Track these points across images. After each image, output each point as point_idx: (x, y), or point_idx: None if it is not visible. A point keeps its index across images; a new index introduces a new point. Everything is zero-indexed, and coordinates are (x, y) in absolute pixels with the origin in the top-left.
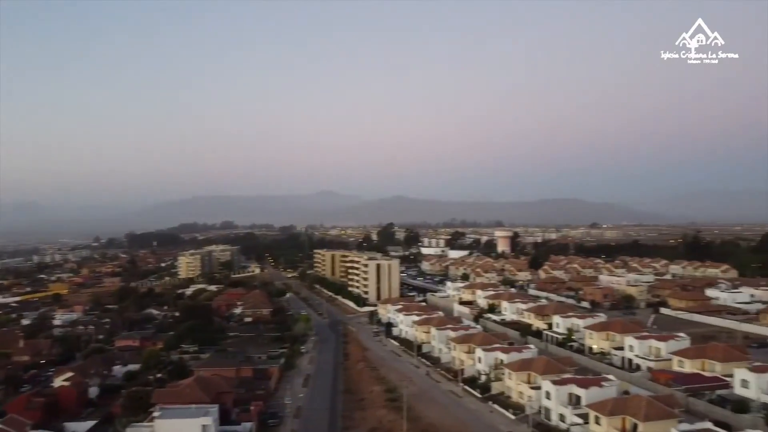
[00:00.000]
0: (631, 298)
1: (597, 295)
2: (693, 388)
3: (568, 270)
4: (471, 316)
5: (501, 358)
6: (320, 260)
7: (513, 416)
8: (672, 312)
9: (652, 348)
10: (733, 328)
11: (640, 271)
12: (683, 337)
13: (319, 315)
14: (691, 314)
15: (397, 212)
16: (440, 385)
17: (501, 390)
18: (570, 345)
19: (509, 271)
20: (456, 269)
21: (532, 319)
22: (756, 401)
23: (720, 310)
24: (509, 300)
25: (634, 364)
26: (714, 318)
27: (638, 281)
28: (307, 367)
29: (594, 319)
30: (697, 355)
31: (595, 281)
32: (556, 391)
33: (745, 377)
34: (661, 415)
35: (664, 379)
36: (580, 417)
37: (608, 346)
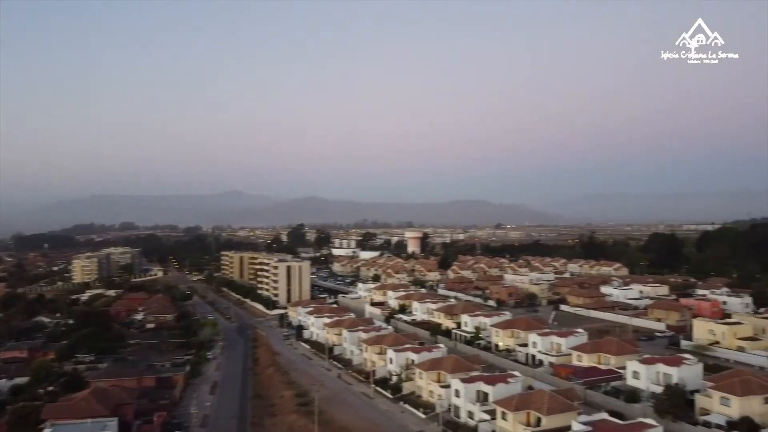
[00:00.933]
0: (534, 296)
1: (503, 293)
2: (590, 381)
3: (475, 270)
4: (382, 317)
5: (412, 358)
6: (228, 262)
7: (424, 415)
8: (571, 309)
9: (553, 344)
10: (625, 323)
11: (541, 270)
12: (581, 333)
13: (226, 319)
14: (588, 310)
15: (309, 213)
16: (352, 387)
17: (412, 390)
18: (478, 343)
19: (419, 272)
20: (367, 270)
21: (441, 319)
22: (646, 391)
23: (613, 306)
24: (420, 300)
25: (537, 359)
26: (608, 314)
27: (540, 280)
28: (215, 373)
29: (500, 317)
30: (593, 350)
31: (501, 280)
32: (465, 388)
33: (636, 369)
34: (563, 408)
35: (564, 374)
36: (488, 413)
37: (513, 343)
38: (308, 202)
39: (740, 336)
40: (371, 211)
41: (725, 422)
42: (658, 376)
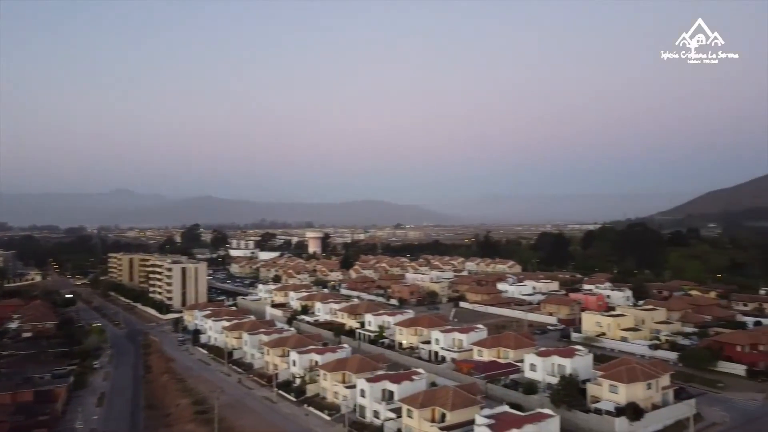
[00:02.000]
0: (434, 294)
1: (404, 292)
2: (491, 375)
3: (377, 269)
4: (284, 319)
5: (316, 360)
6: (116, 265)
7: (329, 417)
8: (470, 305)
9: (455, 340)
10: (521, 318)
11: (441, 268)
12: (481, 329)
13: (115, 325)
14: (486, 307)
15: (204, 213)
16: (254, 391)
17: (316, 392)
18: (382, 342)
19: (321, 272)
20: (267, 271)
21: (345, 319)
22: (542, 382)
23: (509, 302)
24: (322, 300)
25: (440, 356)
26: (505, 309)
27: (440, 278)
28: (102, 384)
29: (403, 315)
30: (493, 345)
31: (403, 279)
32: (371, 388)
33: (533, 361)
34: (466, 403)
35: (466, 369)
36: (394, 411)
37: (417, 340)
38: (203, 202)
39: (623, 327)
40: (270, 212)
41: (614, 408)
42: (553, 367)
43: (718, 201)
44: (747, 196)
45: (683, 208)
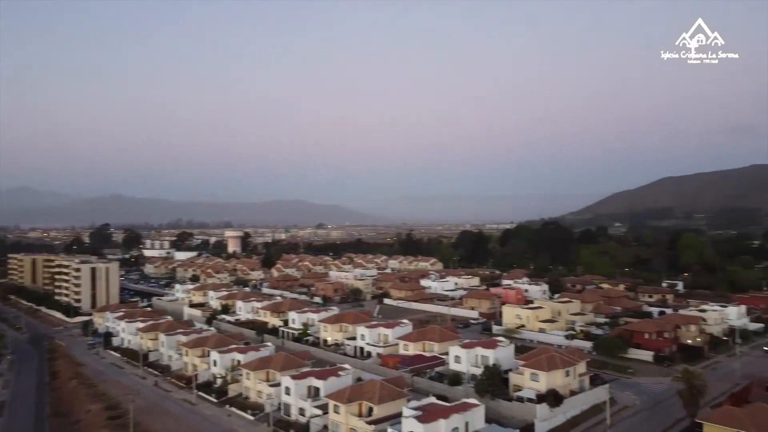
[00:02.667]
0: (358, 292)
1: (328, 290)
2: (417, 368)
3: (300, 268)
4: (203, 319)
5: (238, 359)
6: (17, 266)
7: (252, 417)
8: (394, 302)
9: (380, 335)
10: (444, 313)
11: (364, 266)
12: (406, 324)
13: (16, 330)
14: (409, 303)
15: (114, 212)
16: (171, 394)
17: (239, 392)
18: (306, 339)
19: (242, 271)
20: (184, 271)
21: (268, 317)
22: (466, 374)
23: (432, 297)
24: (244, 299)
25: (365, 351)
26: (428, 305)
27: (364, 275)
28: (2, 392)
29: (328, 312)
30: (418, 338)
31: (326, 277)
32: (296, 385)
33: (457, 354)
34: (393, 396)
35: (392, 363)
36: (320, 408)
37: (342, 337)
38: (113, 201)
39: (541, 319)
40: (186, 211)
41: (535, 396)
42: (477, 359)
43: (623, 201)
44: (648, 197)
45: (592, 209)
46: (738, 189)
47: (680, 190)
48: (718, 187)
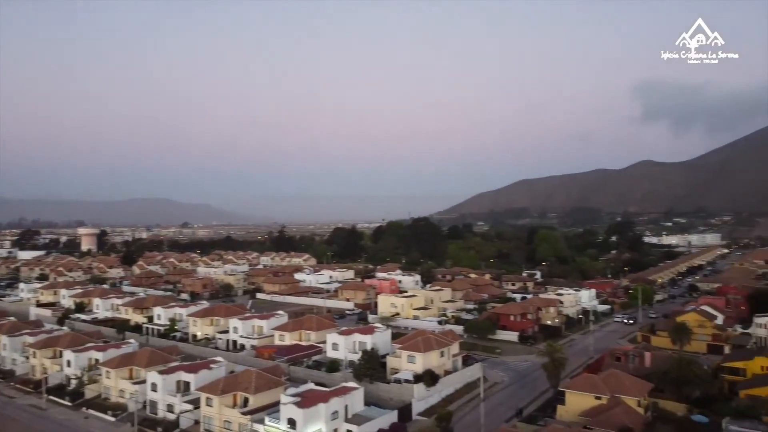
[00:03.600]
0: (229, 287)
1: (196, 286)
2: (294, 358)
3: (165, 265)
4: (54, 319)
5: (96, 358)
6: None
7: (113, 418)
8: (267, 296)
9: (255, 327)
10: (320, 305)
11: (235, 262)
12: (282, 314)
13: None
14: (284, 296)
15: None
16: (16, 400)
17: (98, 392)
18: (173, 335)
19: (98, 269)
20: (30, 270)
21: (130, 314)
22: (344, 360)
23: (307, 291)
24: (102, 297)
25: (239, 344)
26: (303, 298)
27: (235, 271)
28: None
29: (197, 306)
30: (295, 328)
31: (194, 273)
32: (163, 380)
33: (335, 341)
34: (270, 385)
35: (267, 354)
36: (190, 403)
37: (213, 331)
38: None
39: (415, 306)
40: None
41: (412, 376)
42: (354, 345)
43: (485, 202)
44: (507, 198)
45: (457, 208)
46: (584, 191)
47: (535, 191)
48: (568, 189)
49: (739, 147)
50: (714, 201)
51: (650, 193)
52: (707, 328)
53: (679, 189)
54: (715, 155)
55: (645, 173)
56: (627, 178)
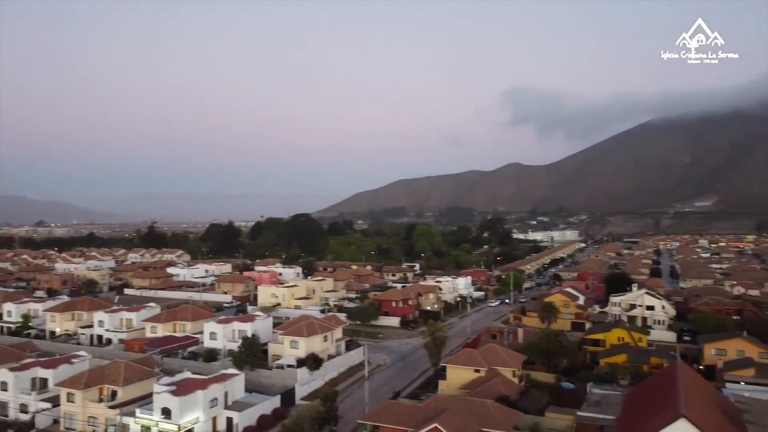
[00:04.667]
0: (93, 283)
1: (54, 282)
2: (167, 349)
3: (16, 262)
4: None
5: None
6: None
7: None
8: (137, 291)
9: (123, 320)
10: (196, 299)
11: (99, 259)
12: (154, 306)
13: None
14: (155, 291)
15: None
16: None
17: None
18: (28, 333)
19: None
20: None
21: None
22: (223, 349)
23: (181, 285)
24: None
25: (105, 339)
26: (177, 292)
27: (99, 267)
28: None
29: (56, 301)
30: (168, 319)
31: (51, 270)
32: (16, 378)
33: (213, 330)
34: (141, 376)
35: (138, 347)
36: (49, 401)
37: (75, 326)
38: None
39: (297, 296)
40: None
41: (295, 361)
42: (234, 333)
43: (364, 201)
44: (385, 197)
45: (336, 207)
46: (458, 191)
47: (413, 191)
48: (443, 189)
49: (592, 153)
50: (572, 201)
51: (517, 193)
52: (571, 307)
53: (543, 190)
54: (573, 160)
55: (513, 175)
56: (497, 179)
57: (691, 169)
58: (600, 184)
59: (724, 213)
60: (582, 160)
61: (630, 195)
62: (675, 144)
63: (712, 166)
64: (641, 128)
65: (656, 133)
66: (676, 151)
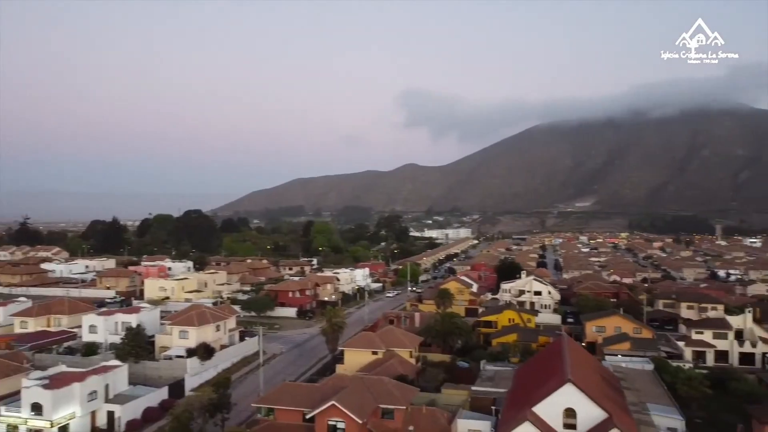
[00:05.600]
0: None
1: None
2: (39, 345)
3: None
4: None
5: None
6: None
7: None
8: (5, 289)
9: None
10: (74, 295)
11: None
12: (24, 300)
13: None
14: (27, 288)
15: None
16: None
17: None
18: None
19: None
20: None
21: None
22: (105, 343)
23: (57, 281)
24: None
25: None
26: (53, 288)
27: None
28: None
29: None
30: (40, 313)
31: None
32: None
33: (93, 323)
34: (8, 372)
35: (5, 343)
36: None
37: None
38: None
39: (188, 289)
40: None
41: (185, 351)
42: (117, 326)
43: (261, 200)
44: (282, 196)
45: (231, 206)
46: (356, 190)
47: (310, 190)
48: (341, 189)
49: (484, 156)
50: (466, 202)
51: (414, 193)
52: (465, 294)
53: (438, 191)
54: (466, 162)
55: (409, 175)
56: (394, 180)
57: (573, 172)
58: (491, 186)
59: (601, 213)
60: (475, 162)
61: (519, 196)
62: (558, 148)
63: (591, 169)
64: (528, 133)
65: (542, 137)
66: (560, 155)
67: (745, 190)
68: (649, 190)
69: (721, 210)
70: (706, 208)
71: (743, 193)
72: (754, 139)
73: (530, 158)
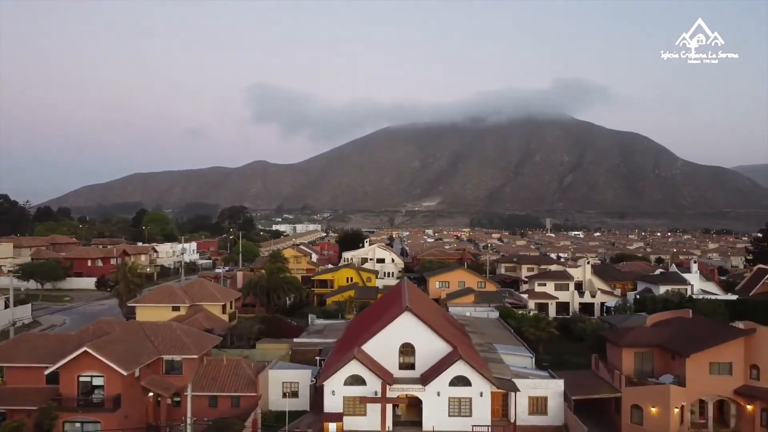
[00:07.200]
0: None
1: None
2: None
3: None
4: None
5: None
6: None
7: None
8: None
9: None
10: None
11: None
12: None
13: None
14: None
15: None
16: None
17: None
18: None
19: None
20: None
21: None
22: None
23: None
24: None
25: None
26: None
27: None
28: None
29: None
30: None
31: None
32: None
33: None
34: None
35: None
36: None
37: None
38: None
39: None
40: None
41: None
42: None
43: (93, 195)
44: (118, 192)
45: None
46: (201, 187)
47: (150, 186)
48: (185, 185)
49: (336, 155)
50: (317, 200)
51: (263, 191)
52: (303, 262)
53: (289, 189)
54: (317, 160)
55: (259, 172)
56: (243, 177)
57: (420, 173)
58: (342, 185)
59: (446, 212)
60: (326, 161)
61: (369, 195)
62: (407, 150)
63: (437, 171)
64: (379, 134)
65: (391, 139)
66: (408, 157)
67: (570, 192)
68: (488, 191)
69: (550, 210)
70: (538, 208)
71: (567, 195)
72: (576, 147)
73: (380, 159)
